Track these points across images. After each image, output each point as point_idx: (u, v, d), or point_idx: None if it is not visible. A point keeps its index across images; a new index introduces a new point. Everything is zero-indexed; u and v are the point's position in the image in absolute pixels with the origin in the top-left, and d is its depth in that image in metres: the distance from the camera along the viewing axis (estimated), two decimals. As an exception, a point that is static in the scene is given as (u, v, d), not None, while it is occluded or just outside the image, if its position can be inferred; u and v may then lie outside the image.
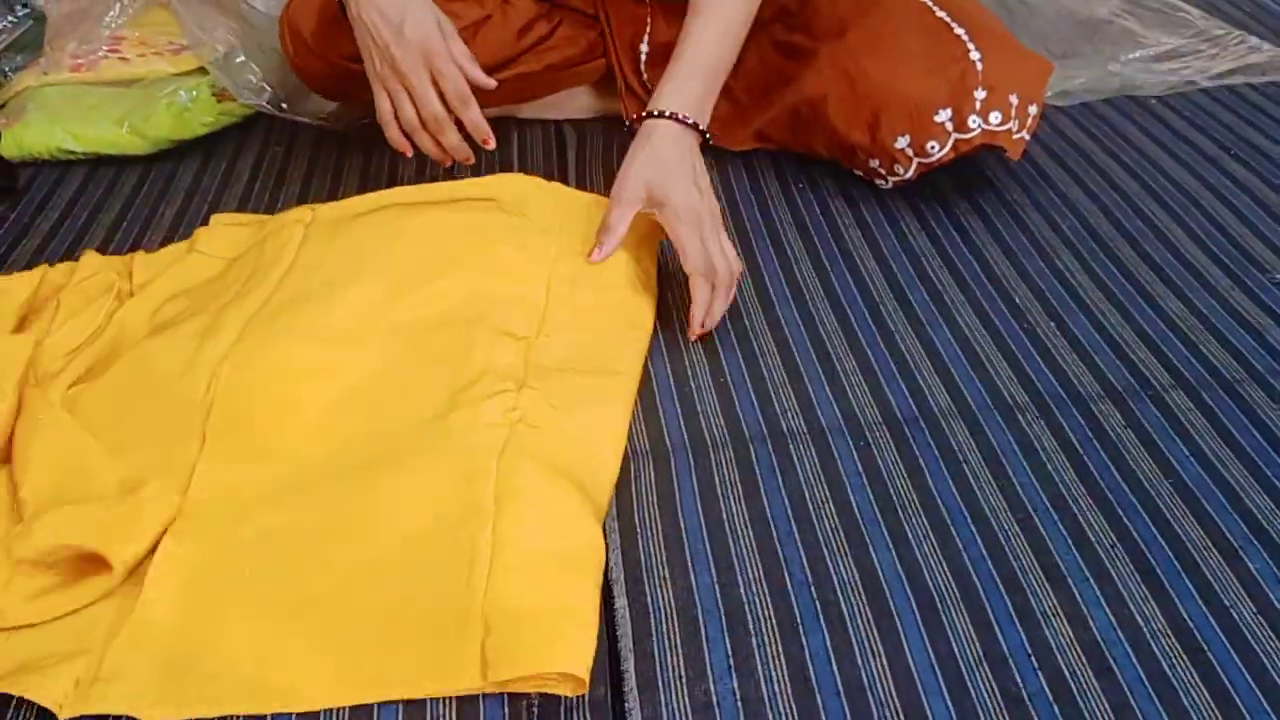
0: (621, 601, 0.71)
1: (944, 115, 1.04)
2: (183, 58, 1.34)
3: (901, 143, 1.06)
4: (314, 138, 1.29)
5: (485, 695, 0.65)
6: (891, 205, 1.12)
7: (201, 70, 1.31)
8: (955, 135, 1.04)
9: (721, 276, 0.90)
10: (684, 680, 0.66)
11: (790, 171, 1.19)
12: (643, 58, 1.23)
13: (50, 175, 1.24)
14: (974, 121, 1.03)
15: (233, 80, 1.27)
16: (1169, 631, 0.68)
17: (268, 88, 1.27)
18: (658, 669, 0.67)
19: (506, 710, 0.65)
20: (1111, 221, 1.08)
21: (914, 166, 1.07)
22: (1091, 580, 0.71)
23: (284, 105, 1.27)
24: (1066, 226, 1.08)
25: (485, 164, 1.21)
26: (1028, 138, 1.05)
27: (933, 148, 1.05)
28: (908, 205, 1.12)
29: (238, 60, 1.28)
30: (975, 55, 1.04)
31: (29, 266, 1.05)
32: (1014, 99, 1.03)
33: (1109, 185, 1.14)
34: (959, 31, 1.06)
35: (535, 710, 0.65)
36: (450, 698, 0.65)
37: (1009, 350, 0.92)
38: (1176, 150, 1.20)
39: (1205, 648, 0.66)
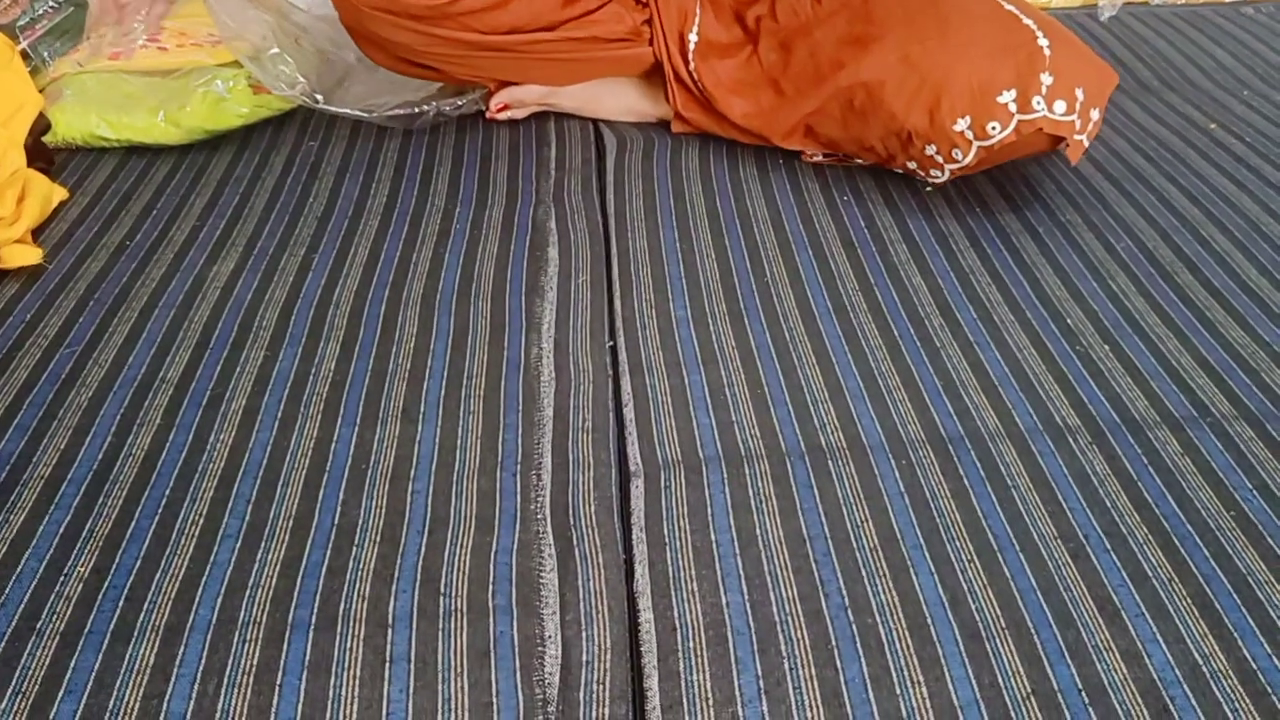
0: (647, 615, 0.67)
1: (1008, 96, 1.01)
2: (221, 49, 1.33)
3: (961, 124, 1.03)
4: (349, 131, 1.26)
5: (500, 701, 0.62)
6: (940, 221, 1.08)
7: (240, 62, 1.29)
8: (1019, 116, 1.01)
9: None
10: (710, 703, 0.62)
11: (835, 184, 1.15)
12: (691, 46, 1.21)
13: (83, 161, 1.22)
14: (1038, 103, 1.00)
15: (266, 74, 1.25)
16: (1230, 673, 0.63)
17: (302, 80, 1.25)
18: (683, 689, 0.63)
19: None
20: (1170, 245, 1.04)
21: (974, 151, 1.04)
22: (1148, 616, 0.67)
23: (319, 98, 1.25)
24: (1122, 249, 1.04)
25: (525, 159, 1.19)
26: (1087, 143, 1.02)
27: (994, 128, 1.02)
28: (957, 222, 1.08)
29: (271, 53, 1.25)
30: (1043, 42, 1.01)
31: (56, 251, 1.04)
32: (1080, 94, 1.00)
33: (1167, 209, 1.10)
34: (1028, 22, 1.05)
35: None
36: (464, 694, 0.62)
37: (1060, 372, 0.88)
38: (1238, 176, 1.15)
39: (1270, 691, 0.62)
